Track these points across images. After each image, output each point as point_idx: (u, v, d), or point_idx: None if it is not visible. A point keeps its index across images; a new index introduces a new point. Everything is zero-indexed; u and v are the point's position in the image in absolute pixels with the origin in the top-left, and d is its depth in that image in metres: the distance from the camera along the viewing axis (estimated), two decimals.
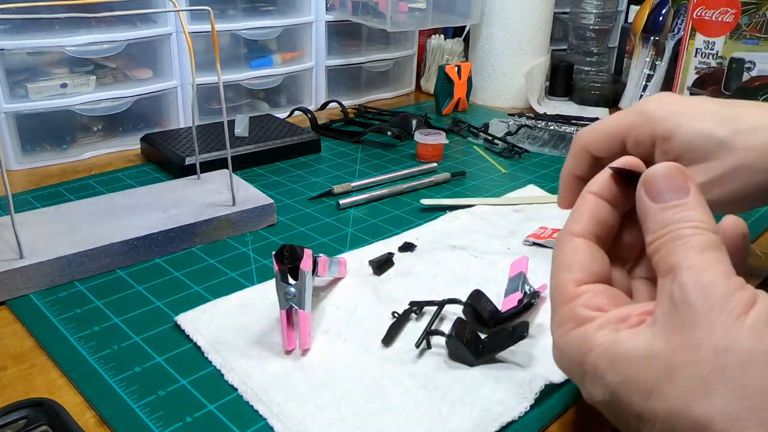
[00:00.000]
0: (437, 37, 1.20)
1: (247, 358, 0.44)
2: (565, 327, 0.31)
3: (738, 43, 0.91)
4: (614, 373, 0.28)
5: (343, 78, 1.11)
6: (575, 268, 0.32)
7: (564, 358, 0.32)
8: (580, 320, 0.30)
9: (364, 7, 1.02)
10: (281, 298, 0.45)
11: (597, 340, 0.29)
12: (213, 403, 0.41)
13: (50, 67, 0.79)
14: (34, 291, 0.52)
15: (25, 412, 0.38)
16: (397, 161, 0.85)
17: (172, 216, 0.61)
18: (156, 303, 0.51)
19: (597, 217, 0.34)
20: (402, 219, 0.68)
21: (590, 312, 0.30)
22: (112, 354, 0.45)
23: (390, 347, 0.46)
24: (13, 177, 0.76)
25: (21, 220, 0.57)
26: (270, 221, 0.65)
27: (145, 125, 0.89)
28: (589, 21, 1.17)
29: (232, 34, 0.94)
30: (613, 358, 0.28)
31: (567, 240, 0.34)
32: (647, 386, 0.27)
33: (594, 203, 0.34)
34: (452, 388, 0.41)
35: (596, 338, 0.29)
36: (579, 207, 0.34)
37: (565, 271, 0.32)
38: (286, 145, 0.84)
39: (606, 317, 0.30)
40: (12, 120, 0.76)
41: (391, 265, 0.57)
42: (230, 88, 0.97)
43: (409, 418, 0.39)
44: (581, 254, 0.33)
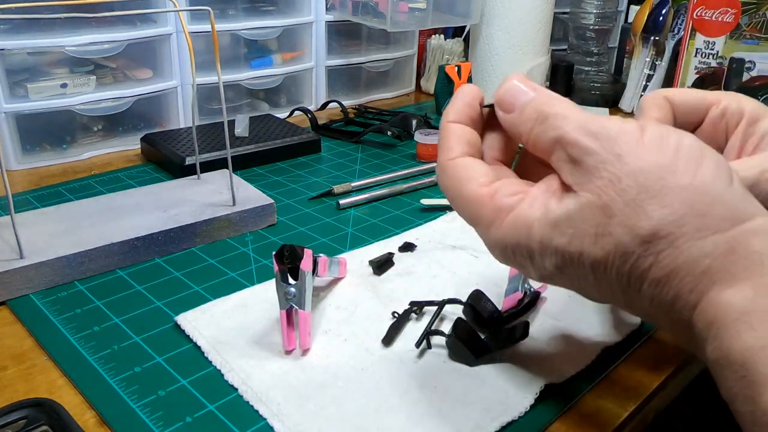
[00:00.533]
0: (437, 37, 1.20)
1: (247, 358, 0.44)
2: (498, 221, 0.32)
3: (738, 43, 0.91)
4: (560, 235, 0.30)
5: (343, 78, 1.11)
6: (475, 175, 0.33)
7: (507, 247, 0.32)
8: (509, 207, 0.32)
9: (364, 7, 1.02)
10: (281, 298, 0.45)
11: (533, 215, 0.31)
12: (213, 403, 0.41)
13: (50, 67, 0.79)
14: (34, 291, 0.52)
15: (25, 412, 0.38)
16: (397, 161, 0.85)
17: (172, 216, 0.61)
18: (156, 303, 0.51)
19: (464, 139, 0.35)
20: (402, 219, 0.68)
21: (513, 198, 0.32)
22: (112, 354, 0.45)
23: (390, 347, 0.46)
24: (13, 177, 0.76)
25: (21, 220, 0.57)
26: (270, 221, 0.65)
27: (145, 125, 0.89)
28: (589, 21, 1.17)
29: (232, 34, 0.94)
30: (553, 223, 0.30)
31: (451, 164, 0.34)
32: (591, 232, 0.29)
33: (456, 128, 0.35)
34: (452, 388, 0.41)
35: (531, 214, 0.31)
36: (446, 135, 0.35)
37: (468, 182, 0.33)
38: (286, 145, 0.84)
39: (530, 195, 0.32)
40: (12, 120, 0.76)
41: (391, 265, 0.57)
42: (230, 88, 0.97)
43: (409, 418, 0.39)
44: (474, 165, 0.34)
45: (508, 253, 0.33)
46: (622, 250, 0.29)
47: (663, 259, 0.28)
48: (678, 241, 0.28)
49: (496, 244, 0.33)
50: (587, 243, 0.30)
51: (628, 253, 0.29)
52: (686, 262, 0.28)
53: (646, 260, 0.28)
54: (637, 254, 0.29)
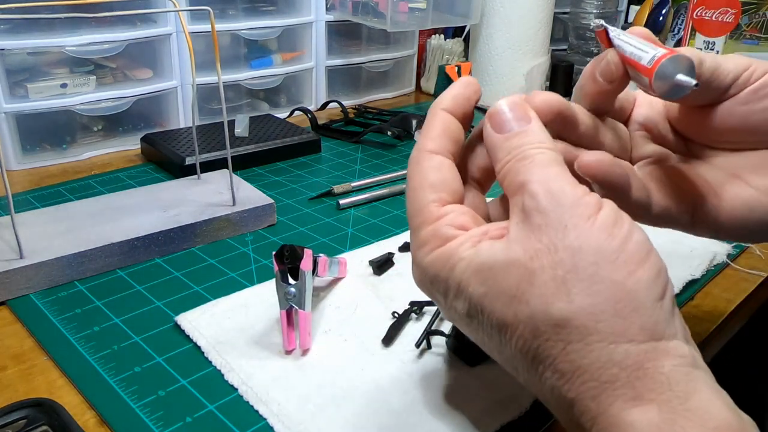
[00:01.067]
0: (437, 37, 1.20)
1: (247, 358, 0.44)
2: (429, 246, 0.31)
3: (738, 43, 0.91)
4: (478, 283, 0.28)
5: (343, 78, 1.11)
6: (438, 187, 0.32)
7: (426, 276, 0.31)
8: (445, 238, 0.30)
9: (364, 7, 1.02)
10: (281, 298, 0.45)
11: (460, 254, 0.29)
12: (213, 403, 0.41)
13: (50, 67, 0.79)
14: (34, 291, 0.52)
15: (25, 412, 0.38)
16: (397, 161, 0.85)
17: (172, 216, 0.61)
18: (156, 303, 0.51)
19: (450, 134, 0.33)
20: (402, 219, 0.68)
21: (454, 230, 0.30)
22: (112, 354, 0.45)
23: (390, 347, 0.46)
24: (13, 177, 0.76)
25: (21, 220, 0.57)
26: (270, 221, 0.65)
27: (145, 125, 0.89)
28: (589, 21, 1.17)
29: (232, 34, 0.94)
30: (476, 269, 0.28)
31: (427, 157, 0.32)
32: (509, 293, 0.27)
33: (446, 119, 0.33)
34: (452, 388, 0.42)
35: (459, 253, 0.29)
36: (433, 123, 0.33)
37: (427, 191, 0.31)
38: (286, 145, 0.84)
39: (469, 234, 0.30)
40: (12, 120, 0.76)
41: (391, 265, 0.57)
42: (230, 88, 0.97)
43: (409, 418, 0.39)
44: (444, 173, 0.32)
45: (425, 282, 0.31)
46: (533, 325, 0.27)
47: (571, 352, 0.26)
48: (590, 337, 0.26)
49: (419, 267, 0.31)
50: (501, 302, 0.28)
51: (539, 330, 0.27)
52: (593, 364, 0.26)
53: (555, 346, 0.26)
54: (547, 335, 0.27)
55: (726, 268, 0.59)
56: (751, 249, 0.63)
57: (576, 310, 0.26)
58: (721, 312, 0.53)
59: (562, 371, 0.26)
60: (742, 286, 0.57)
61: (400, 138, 0.90)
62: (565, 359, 0.26)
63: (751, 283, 0.57)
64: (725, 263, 0.60)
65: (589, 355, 0.26)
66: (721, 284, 0.57)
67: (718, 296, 0.55)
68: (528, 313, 0.27)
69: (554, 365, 0.27)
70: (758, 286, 0.57)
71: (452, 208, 0.31)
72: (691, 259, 0.58)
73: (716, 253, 0.60)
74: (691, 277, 0.56)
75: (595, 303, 0.26)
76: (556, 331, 0.26)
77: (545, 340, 0.27)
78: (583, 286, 0.26)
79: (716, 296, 0.55)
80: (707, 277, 0.57)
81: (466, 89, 0.34)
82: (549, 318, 0.26)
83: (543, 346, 0.27)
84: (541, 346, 0.27)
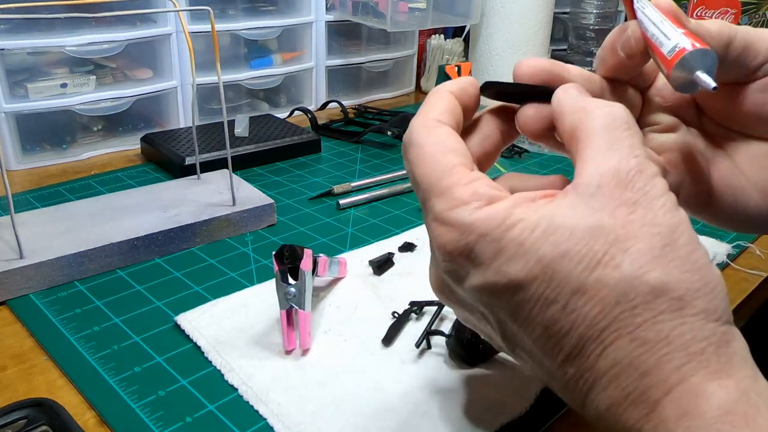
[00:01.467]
0: (437, 37, 1.20)
1: (247, 358, 0.44)
2: (473, 204, 0.28)
3: None
4: (551, 245, 0.27)
5: (343, 78, 1.11)
6: (461, 153, 0.30)
7: (469, 235, 0.28)
8: (489, 198, 0.28)
9: (364, 7, 1.02)
10: (281, 298, 0.45)
11: (518, 215, 0.27)
12: (213, 403, 0.41)
13: (50, 67, 0.79)
14: (34, 291, 0.52)
15: (25, 412, 0.38)
16: (397, 161, 0.85)
17: (172, 216, 0.61)
18: (156, 303, 0.51)
19: (455, 114, 0.32)
20: (402, 219, 0.68)
21: (497, 192, 0.28)
22: (112, 354, 0.45)
23: (390, 347, 0.46)
24: (13, 177, 0.76)
25: (21, 220, 0.57)
26: (270, 221, 0.65)
27: (145, 125, 0.89)
28: (589, 21, 1.17)
29: (232, 34, 0.94)
30: (549, 230, 0.27)
31: (437, 125, 0.31)
32: (595, 257, 0.26)
33: (452, 100, 0.32)
34: (452, 388, 0.41)
35: (516, 214, 0.27)
36: (439, 99, 0.32)
37: (451, 154, 0.30)
38: (286, 145, 0.84)
39: (515, 197, 0.28)
40: (12, 120, 0.76)
41: (391, 265, 0.57)
42: (230, 88, 0.97)
43: (409, 418, 0.39)
44: (459, 141, 0.31)
45: (463, 242, 0.28)
46: (622, 290, 0.26)
47: (660, 322, 0.26)
48: (685, 310, 0.26)
49: (458, 226, 0.28)
50: (583, 265, 0.26)
51: (627, 296, 0.26)
52: (684, 335, 0.25)
53: (642, 314, 0.26)
54: (635, 302, 0.26)
55: (726, 268, 0.59)
56: (751, 249, 0.63)
57: (674, 281, 0.26)
58: None
59: (644, 339, 0.26)
60: (742, 286, 0.57)
61: (400, 138, 0.90)
62: (653, 328, 0.26)
63: (751, 283, 0.57)
64: (725, 263, 0.60)
65: (680, 327, 0.26)
66: None
67: None
68: (618, 277, 0.26)
69: (635, 333, 0.26)
70: (758, 286, 0.57)
71: (480, 174, 0.29)
72: None
73: (716, 253, 0.60)
74: None
75: (693, 280, 0.26)
76: (649, 299, 0.26)
77: (632, 307, 0.26)
78: (681, 262, 0.26)
79: None
80: None
81: (471, 83, 0.33)
82: (644, 284, 0.26)
83: (626, 313, 0.26)
84: (624, 313, 0.26)
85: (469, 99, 0.33)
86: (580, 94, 0.30)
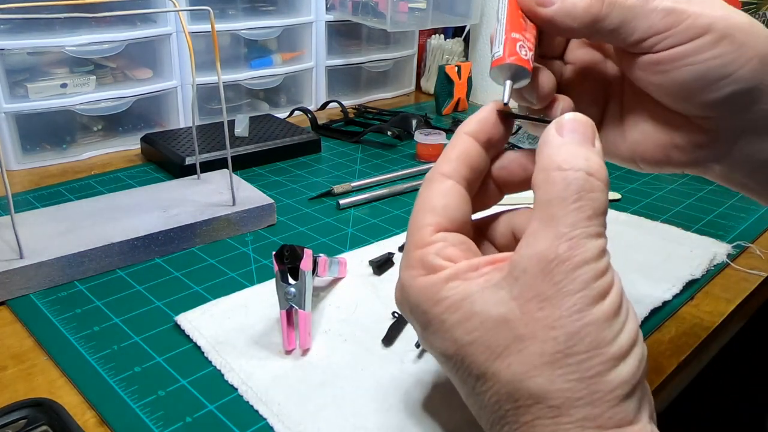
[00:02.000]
0: (437, 37, 1.20)
1: (247, 358, 0.44)
2: (414, 271, 0.30)
3: None
4: (464, 332, 0.28)
5: (343, 78, 1.11)
6: (439, 212, 0.31)
7: (407, 302, 0.31)
8: (431, 268, 0.30)
9: (364, 7, 1.02)
10: (281, 298, 0.45)
11: (446, 292, 0.29)
12: (213, 403, 0.41)
13: (50, 67, 0.79)
14: (34, 291, 0.52)
15: (25, 412, 0.38)
16: (397, 161, 0.85)
17: (172, 216, 0.61)
18: (156, 303, 0.51)
19: (468, 159, 0.33)
20: (402, 219, 0.68)
21: (441, 261, 0.30)
22: (112, 354, 0.45)
23: (390, 347, 0.46)
24: (13, 177, 0.76)
25: (21, 220, 0.57)
26: (270, 221, 0.65)
27: (145, 125, 0.89)
28: None
29: (232, 34, 0.94)
30: (465, 316, 0.28)
31: (438, 180, 0.32)
32: (496, 350, 0.27)
33: (468, 144, 0.33)
34: (452, 388, 0.41)
35: (446, 290, 0.29)
36: (453, 146, 0.33)
37: (427, 213, 0.31)
38: (286, 145, 0.84)
39: (455, 268, 0.29)
40: (12, 120, 0.76)
41: (391, 265, 0.57)
42: (230, 88, 0.97)
43: (409, 417, 0.39)
44: (449, 198, 0.32)
45: (405, 306, 0.31)
46: (510, 389, 0.27)
47: (538, 425, 0.27)
48: (561, 418, 0.26)
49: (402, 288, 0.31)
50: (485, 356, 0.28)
51: (514, 396, 0.27)
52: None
53: (525, 415, 0.27)
54: (520, 403, 0.27)
55: (726, 268, 0.59)
56: (751, 249, 0.63)
57: (554, 391, 0.26)
58: (721, 312, 0.53)
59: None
60: (742, 286, 0.57)
61: (400, 138, 0.90)
62: (531, 431, 0.27)
63: (751, 283, 0.57)
64: (725, 263, 0.60)
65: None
66: (721, 284, 0.57)
67: (718, 296, 0.55)
68: (508, 377, 0.27)
69: (519, 431, 0.27)
70: (758, 286, 0.57)
71: (443, 236, 0.31)
72: (691, 259, 0.58)
73: (716, 253, 0.60)
74: (691, 277, 0.56)
75: (575, 389, 0.26)
76: (530, 402, 0.27)
77: (517, 406, 0.27)
78: (568, 371, 0.26)
79: (716, 296, 0.55)
80: (707, 277, 0.57)
81: (491, 111, 0.34)
82: (526, 388, 0.27)
83: (513, 411, 0.27)
84: (511, 410, 0.27)
85: (493, 127, 0.34)
86: (557, 144, 0.29)
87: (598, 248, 0.27)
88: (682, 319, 0.52)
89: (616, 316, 0.27)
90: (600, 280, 0.27)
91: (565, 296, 0.26)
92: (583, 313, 0.26)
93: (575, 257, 0.27)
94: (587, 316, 0.26)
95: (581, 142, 0.29)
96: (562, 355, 0.26)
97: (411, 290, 0.30)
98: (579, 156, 0.28)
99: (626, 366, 0.27)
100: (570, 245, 0.27)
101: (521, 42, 0.33)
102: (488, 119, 0.34)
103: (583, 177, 0.27)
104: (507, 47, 0.32)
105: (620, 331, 0.27)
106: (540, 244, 0.27)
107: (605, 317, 0.26)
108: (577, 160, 0.28)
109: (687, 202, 0.73)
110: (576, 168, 0.27)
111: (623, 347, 0.27)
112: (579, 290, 0.26)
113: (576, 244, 0.27)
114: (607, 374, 0.26)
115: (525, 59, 0.32)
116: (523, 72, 0.32)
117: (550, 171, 0.28)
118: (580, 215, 0.27)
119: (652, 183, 0.79)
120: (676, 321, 0.52)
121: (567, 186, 0.27)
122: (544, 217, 0.27)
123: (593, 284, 0.27)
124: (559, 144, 0.29)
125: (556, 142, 0.29)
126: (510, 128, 0.34)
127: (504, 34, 0.33)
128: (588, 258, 0.27)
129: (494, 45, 0.33)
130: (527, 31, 0.33)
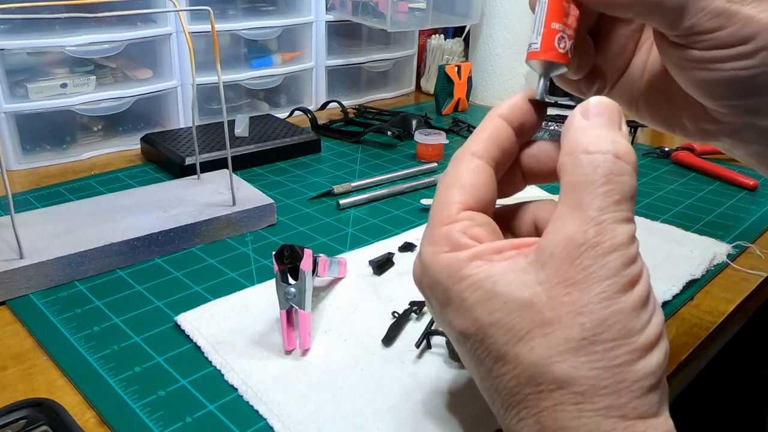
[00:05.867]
0: (437, 37, 1.20)
1: (247, 358, 0.44)
2: (437, 247, 0.30)
3: None
4: (486, 311, 0.28)
5: (343, 78, 1.11)
6: (467, 190, 0.31)
7: (428, 277, 0.30)
8: (456, 245, 0.29)
9: (364, 7, 1.02)
10: (281, 298, 0.45)
11: (470, 270, 0.28)
12: (213, 403, 0.41)
13: (50, 67, 0.79)
14: (34, 291, 0.52)
15: (25, 412, 0.38)
16: (397, 161, 0.85)
17: (172, 216, 0.61)
18: (156, 303, 0.51)
19: (499, 141, 0.32)
20: (402, 219, 0.68)
21: (467, 239, 0.29)
22: (112, 354, 0.45)
23: (390, 347, 0.46)
24: (13, 177, 0.76)
25: (21, 220, 0.57)
26: (270, 221, 0.65)
27: (145, 125, 0.89)
28: None
29: (232, 34, 0.94)
30: (487, 295, 0.28)
31: (468, 158, 0.31)
32: (518, 333, 0.27)
33: (500, 126, 0.33)
34: (452, 388, 0.42)
35: (469, 268, 0.28)
36: (485, 127, 0.33)
37: (456, 191, 0.31)
38: (286, 145, 0.84)
39: (481, 248, 0.29)
40: (12, 120, 0.76)
41: (391, 265, 0.57)
42: (230, 88, 0.97)
43: (409, 418, 0.39)
44: (478, 177, 0.31)
45: (425, 282, 0.30)
46: (532, 373, 0.27)
47: (560, 411, 0.26)
48: (584, 405, 0.26)
49: (423, 265, 0.30)
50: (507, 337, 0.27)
51: (536, 380, 0.27)
52: (579, 428, 0.26)
53: (546, 400, 0.26)
54: (542, 387, 0.26)
55: (726, 268, 0.59)
56: (751, 249, 0.63)
57: (579, 377, 0.26)
58: (721, 312, 0.53)
59: (544, 425, 0.26)
60: (742, 286, 0.57)
61: (400, 138, 0.90)
62: (552, 416, 0.26)
63: (751, 283, 0.57)
64: (725, 263, 0.60)
65: (577, 421, 0.26)
66: (721, 284, 0.57)
67: (718, 296, 0.55)
68: (531, 360, 0.27)
69: (538, 416, 0.27)
70: (758, 286, 0.57)
71: (470, 215, 0.30)
72: (691, 259, 0.58)
73: (716, 253, 0.60)
74: (691, 277, 0.56)
75: (600, 377, 0.26)
76: (552, 388, 0.26)
77: (538, 391, 0.27)
78: (594, 358, 0.26)
79: (716, 296, 0.55)
80: (707, 277, 0.57)
81: (524, 101, 0.33)
82: (550, 373, 0.26)
83: (534, 395, 0.27)
84: (531, 394, 0.27)
85: (525, 114, 0.33)
86: (583, 126, 0.29)
87: (628, 233, 0.27)
88: (682, 319, 0.52)
89: (644, 306, 0.26)
90: (630, 268, 0.26)
91: (594, 282, 0.26)
92: (612, 300, 0.26)
93: (605, 242, 0.26)
94: (616, 303, 0.26)
95: (608, 125, 0.28)
96: (588, 342, 0.26)
97: (433, 266, 0.30)
98: (606, 139, 0.27)
99: (653, 358, 0.26)
100: (599, 230, 0.26)
101: (561, 33, 0.31)
102: (521, 105, 0.33)
103: (611, 160, 0.27)
104: (544, 40, 0.31)
105: (648, 321, 0.26)
106: (568, 228, 0.27)
107: (634, 306, 0.26)
108: (605, 143, 0.27)
109: (687, 202, 0.73)
110: (603, 151, 0.27)
111: (651, 338, 0.26)
112: (609, 276, 0.26)
113: (605, 228, 0.26)
114: (633, 364, 0.26)
115: (562, 53, 0.32)
116: (560, 67, 0.32)
117: (577, 154, 0.27)
118: (609, 199, 0.26)
119: (652, 183, 0.79)
120: (676, 321, 0.52)
121: (594, 169, 0.27)
122: (572, 201, 0.27)
123: (624, 271, 0.26)
124: (585, 127, 0.28)
125: (581, 125, 0.29)
126: (542, 117, 0.34)
127: (543, 24, 0.32)
128: (618, 244, 0.26)
129: (533, 33, 0.32)
130: (569, 15, 0.32)
